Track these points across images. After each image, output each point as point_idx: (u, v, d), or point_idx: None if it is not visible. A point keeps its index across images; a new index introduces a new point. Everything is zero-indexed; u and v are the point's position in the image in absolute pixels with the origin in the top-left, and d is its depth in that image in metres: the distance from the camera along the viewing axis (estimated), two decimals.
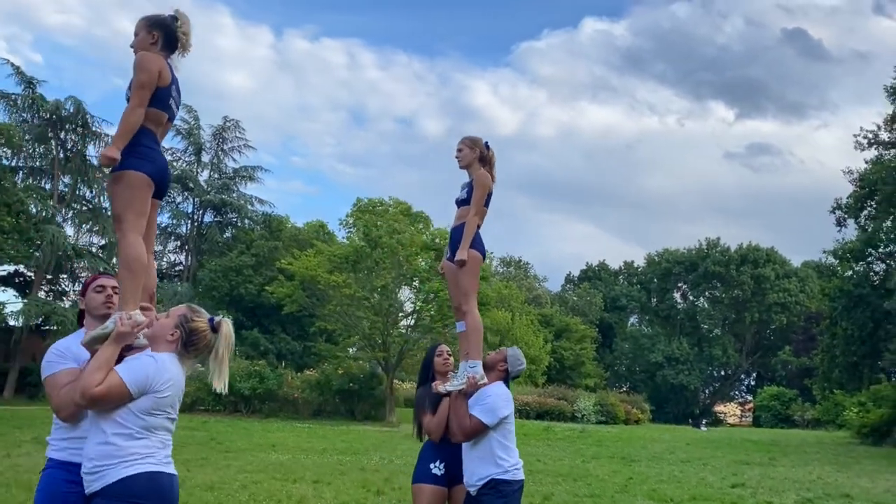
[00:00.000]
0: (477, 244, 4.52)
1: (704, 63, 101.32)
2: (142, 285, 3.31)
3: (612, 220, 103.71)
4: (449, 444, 4.58)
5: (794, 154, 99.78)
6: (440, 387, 4.50)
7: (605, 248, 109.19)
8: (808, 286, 56.70)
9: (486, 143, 4.73)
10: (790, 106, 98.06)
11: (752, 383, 63.71)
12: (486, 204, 4.62)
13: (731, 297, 58.98)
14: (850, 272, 25.42)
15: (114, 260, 34.85)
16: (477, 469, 4.35)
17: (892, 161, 25.34)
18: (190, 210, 39.33)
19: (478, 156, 4.67)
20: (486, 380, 4.35)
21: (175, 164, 39.09)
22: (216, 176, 39.59)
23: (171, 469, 3.19)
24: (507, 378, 4.57)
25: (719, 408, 63.15)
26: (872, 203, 25.50)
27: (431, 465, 4.60)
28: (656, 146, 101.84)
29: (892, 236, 24.39)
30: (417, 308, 25.45)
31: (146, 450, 3.11)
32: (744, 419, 62.84)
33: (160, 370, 3.11)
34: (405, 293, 28.10)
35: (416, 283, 27.17)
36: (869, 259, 25.22)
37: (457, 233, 4.58)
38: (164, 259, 40.39)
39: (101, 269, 33.72)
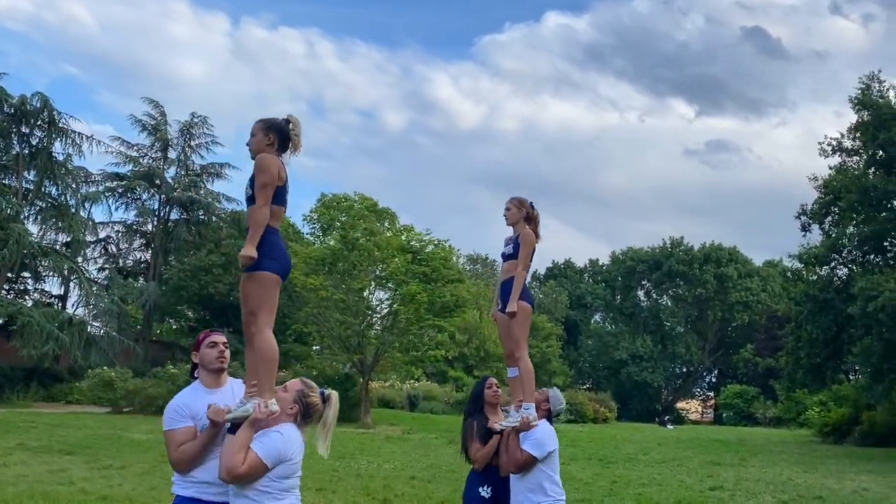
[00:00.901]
0: (525, 296, 5.11)
1: (665, 60, 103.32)
2: (275, 376, 3.79)
3: (574, 216, 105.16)
4: (494, 470, 5.17)
5: (752, 151, 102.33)
6: (496, 425, 5.08)
7: (571, 246, 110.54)
8: (769, 285, 58.60)
9: (532, 203, 5.32)
10: (749, 103, 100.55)
11: (714, 380, 65.58)
12: (531, 259, 5.21)
13: (694, 296, 60.62)
14: (814, 276, 26.64)
15: (79, 258, 34.69)
16: (525, 499, 4.93)
17: (855, 169, 26.59)
18: (156, 207, 39.20)
19: (524, 215, 5.25)
20: (537, 421, 4.94)
21: (141, 160, 38.93)
22: (183, 173, 39.49)
23: None
24: (550, 416, 5.18)
25: (681, 404, 64.91)
26: (836, 209, 26.72)
27: (480, 489, 5.15)
28: (617, 142, 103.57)
29: (855, 242, 25.65)
30: (394, 310, 25.93)
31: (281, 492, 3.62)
32: (705, 416, 64.70)
33: (288, 442, 3.61)
34: (379, 295, 28.59)
35: (390, 285, 27.62)
36: (833, 264, 26.48)
37: (506, 286, 5.14)
38: (130, 257, 40.21)
39: (66, 267, 33.54)
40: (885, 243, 25.38)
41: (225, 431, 3.66)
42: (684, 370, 64.26)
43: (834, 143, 27.83)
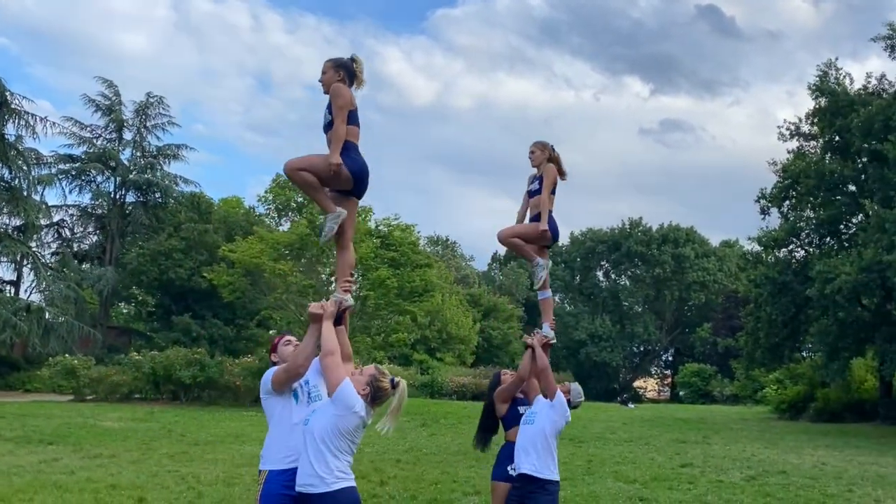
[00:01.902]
0: (551, 224, 6.08)
1: (619, 37, 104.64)
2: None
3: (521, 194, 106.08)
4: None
5: (706, 131, 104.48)
6: (526, 338, 6.06)
7: None
8: (726, 265, 60.57)
9: (553, 146, 6.32)
10: (703, 83, 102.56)
11: (670, 359, 67.64)
12: (553, 192, 6.17)
13: (652, 276, 62.24)
14: (773, 258, 27.93)
15: (32, 243, 34.39)
16: (536, 460, 5.61)
17: (813, 154, 27.88)
18: (111, 190, 38.93)
19: (546, 157, 6.21)
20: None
21: (95, 141, 38.56)
22: (139, 154, 39.23)
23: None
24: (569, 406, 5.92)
25: (638, 383, 66.89)
26: (794, 194, 28.01)
27: (508, 467, 5.86)
28: (573, 121, 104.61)
29: (812, 226, 26.98)
30: (362, 296, 26.47)
31: (347, 468, 4.29)
32: (662, 394, 66.82)
33: (363, 404, 4.29)
34: None
35: (356, 269, 28.06)
36: (791, 247, 27.80)
37: (534, 220, 6.12)
38: (85, 241, 39.89)
39: (18, 252, 33.25)
40: (841, 227, 26.75)
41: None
42: (642, 349, 66.10)
43: (792, 127, 29.09)
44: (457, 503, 10.17)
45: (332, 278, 28.08)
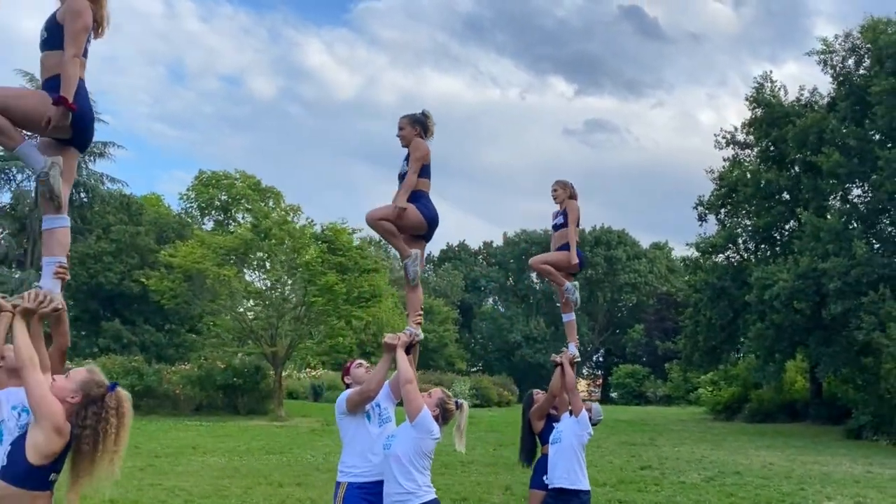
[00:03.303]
0: (578, 254, 6.93)
1: (544, 36, 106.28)
2: None
3: (456, 194, 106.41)
4: None
5: (630, 132, 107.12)
6: (554, 356, 6.75)
7: (465, 228, 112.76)
8: (656, 267, 62.96)
9: (572, 184, 7.13)
10: (626, 83, 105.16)
11: (601, 360, 69.81)
12: (577, 224, 7.05)
13: (585, 278, 64.06)
14: (710, 264, 29.54)
15: None
16: (566, 474, 6.39)
17: (749, 164, 29.59)
18: (31, 189, 37.94)
19: (568, 194, 7.03)
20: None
21: None
22: None
23: None
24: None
25: None
26: (731, 201, 29.68)
27: (543, 477, 6.60)
28: (499, 119, 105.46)
29: (749, 233, 28.69)
30: (309, 301, 26.79)
31: (428, 483, 4.96)
32: (593, 395, 68.91)
33: (438, 427, 4.97)
34: (289, 283, 29.22)
35: (303, 275, 28.27)
36: (728, 253, 29.47)
37: (563, 248, 6.94)
38: (3, 243, 38.74)
39: None
40: (776, 234, 28.53)
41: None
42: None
43: (728, 136, 30.78)
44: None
45: (277, 282, 28.39)
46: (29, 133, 3.84)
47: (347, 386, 5.46)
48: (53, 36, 3.77)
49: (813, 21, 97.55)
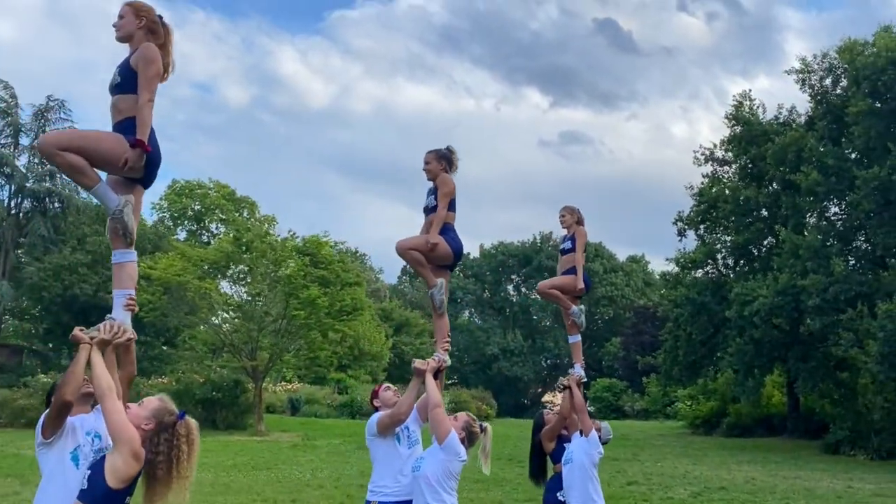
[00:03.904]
0: (586, 279, 7.19)
1: (520, 48, 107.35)
2: None
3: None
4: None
5: (604, 144, 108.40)
6: (562, 380, 6.97)
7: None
8: (632, 280, 63.71)
9: (579, 209, 7.39)
10: (601, 96, 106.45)
11: None
12: (584, 250, 7.34)
13: None
14: (690, 279, 30.12)
15: None
16: (581, 495, 6.69)
17: (727, 181, 30.25)
18: (5, 198, 37.73)
19: (576, 219, 7.30)
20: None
21: None
22: (37, 161, 38.14)
23: None
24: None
25: (547, 397, 69.27)
26: (710, 217, 30.29)
27: (557, 494, 6.88)
28: (473, 130, 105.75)
29: (728, 248, 29.32)
30: (290, 315, 26.90)
31: (455, 502, 5.25)
32: None
33: (465, 450, 5.27)
34: (270, 297, 29.33)
35: (284, 288, 28.37)
36: (708, 268, 30.06)
37: (570, 272, 7.21)
38: None
39: None
40: (754, 251, 29.18)
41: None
42: (550, 363, 68.48)
43: (707, 152, 31.41)
44: None
45: (258, 295, 28.46)
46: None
47: (376, 409, 5.75)
48: (127, 81, 4.05)
49: (784, 36, 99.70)
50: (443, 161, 5.82)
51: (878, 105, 23.40)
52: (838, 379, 25.81)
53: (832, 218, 26.50)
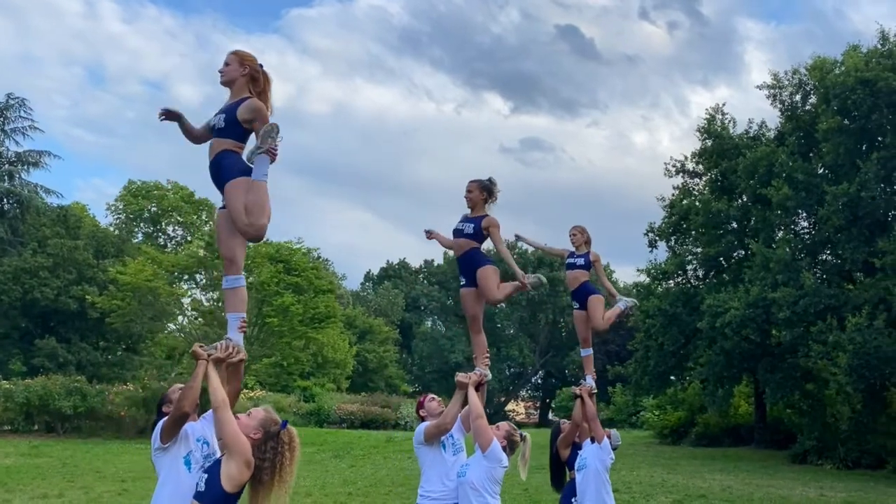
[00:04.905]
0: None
1: (481, 53, 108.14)
2: None
3: (390, 209, 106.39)
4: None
5: (565, 151, 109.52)
6: (574, 389, 7.46)
7: (404, 246, 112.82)
8: (598, 289, 64.67)
9: (588, 230, 8.10)
10: (562, 103, 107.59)
11: (540, 382, 71.27)
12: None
13: (527, 298, 65.44)
14: (661, 290, 30.97)
15: None
16: (593, 498, 7.21)
17: (698, 193, 31.17)
18: None
19: (585, 239, 8.02)
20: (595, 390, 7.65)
21: None
22: None
23: None
24: None
25: (510, 406, 70.00)
26: (681, 228, 31.18)
27: (572, 499, 7.39)
28: (433, 134, 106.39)
29: (699, 260, 30.23)
30: (264, 322, 27.12)
31: None
32: (531, 417, 70.26)
33: (507, 457, 5.77)
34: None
35: (256, 295, 28.59)
36: (680, 280, 30.95)
37: (579, 293, 7.94)
38: None
39: None
40: (724, 263, 30.15)
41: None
42: (513, 371, 69.25)
43: (678, 164, 32.31)
44: None
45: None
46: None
47: (422, 418, 6.23)
48: (230, 128, 4.71)
49: (744, 47, 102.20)
50: (485, 192, 6.35)
51: (847, 123, 24.42)
52: (805, 390, 26.79)
53: (801, 232, 27.52)
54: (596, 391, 7.79)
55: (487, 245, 6.61)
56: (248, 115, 4.57)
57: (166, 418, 4.34)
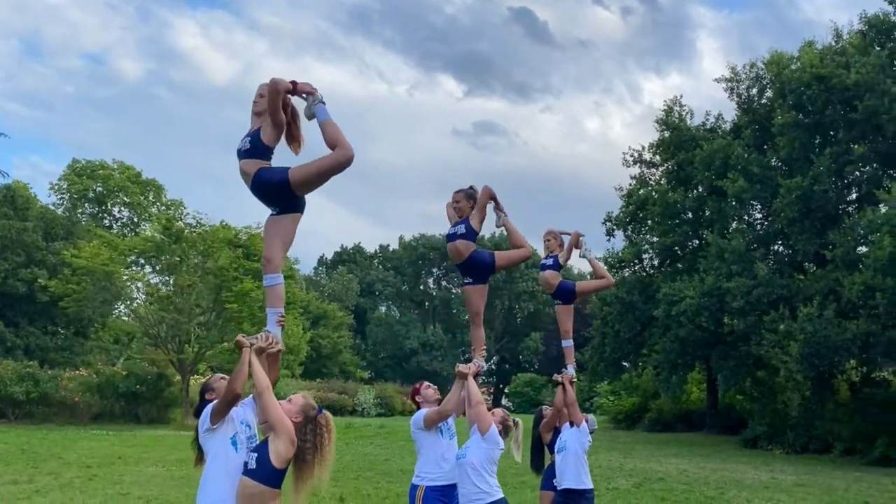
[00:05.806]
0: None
1: (434, 33, 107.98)
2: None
3: (342, 192, 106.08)
4: None
5: (518, 136, 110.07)
6: (556, 376, 8.02)
7: (358, 231, 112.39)
8: None
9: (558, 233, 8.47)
10: (516, 86, 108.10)
11: (494, 367, 72.34)
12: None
13: None
14: (620, 278, 31.85)
15: None
16: (574, 477, 7.81)
17: (654, 183, 32.08)
18: None
19: (559, 243, 8.34)
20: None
21: None
22: None
23: None
24: None
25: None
26: (638, 218, 32.09)
27: (553, 481, 7.96)
28: (385, 115, 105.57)
29: (656, 250, 31.18)
30: (223, 307, 27.27)
31: (497, 484, 6.27)
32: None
33: (503, 440, 6.32)
34: (201, 288, 29.55)
35: (215, 280, 28.67)
36: (636, 268, 31.89)
37: (560, 292, 8.26)
38: None
39: None
40: (680, 252, 31.15)
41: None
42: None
43: (635, 154, 33.20)
44: None
45: (188, 286, 28.67)
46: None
47: (418, 404, 6.73)
48: (255, 150, 5.17)
49: (697, 34, 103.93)
50: (471, 200, 6.84)
51: (802, 117, 25.43)
52: (757, 377, 27.92)
53: (755, 223, 28.57)
54: (576, 380, 8.34)
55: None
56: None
57: (216, 401, 4.76)
